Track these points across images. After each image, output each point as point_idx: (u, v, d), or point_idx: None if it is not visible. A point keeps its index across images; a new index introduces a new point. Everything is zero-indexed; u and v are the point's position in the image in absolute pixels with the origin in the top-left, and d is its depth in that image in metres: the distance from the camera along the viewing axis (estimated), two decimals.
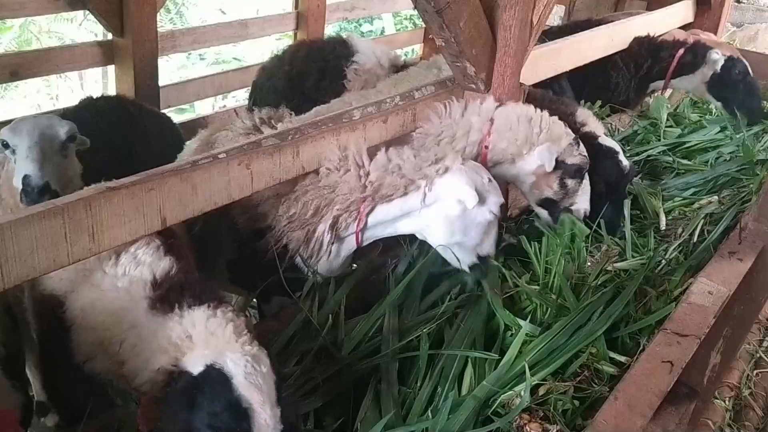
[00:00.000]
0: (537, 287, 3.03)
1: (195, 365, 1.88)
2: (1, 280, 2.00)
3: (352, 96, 3.82)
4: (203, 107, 10.19)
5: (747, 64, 5.11)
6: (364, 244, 3.00)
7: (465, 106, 3.31)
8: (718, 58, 5.08)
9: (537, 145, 3.26)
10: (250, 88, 5.25)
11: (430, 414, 2.38)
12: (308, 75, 4.78)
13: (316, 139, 2.84)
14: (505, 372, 2.49)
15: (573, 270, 3.09)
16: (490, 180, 2.87)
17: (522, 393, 2.42)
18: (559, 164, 3.30)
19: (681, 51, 5.17)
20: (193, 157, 2.56)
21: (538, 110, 3.36)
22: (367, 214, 2.89)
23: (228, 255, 3.14)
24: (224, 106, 10.64)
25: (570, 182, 3.35)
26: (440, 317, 2.85)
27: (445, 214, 2.81)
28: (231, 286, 3.44)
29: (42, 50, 6.23)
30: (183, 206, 2.43)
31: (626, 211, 3.45)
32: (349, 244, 3.00)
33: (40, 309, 2.54)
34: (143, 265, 2.28)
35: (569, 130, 3.36)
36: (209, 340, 1.93)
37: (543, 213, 3.48)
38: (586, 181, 3.40)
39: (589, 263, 3.17)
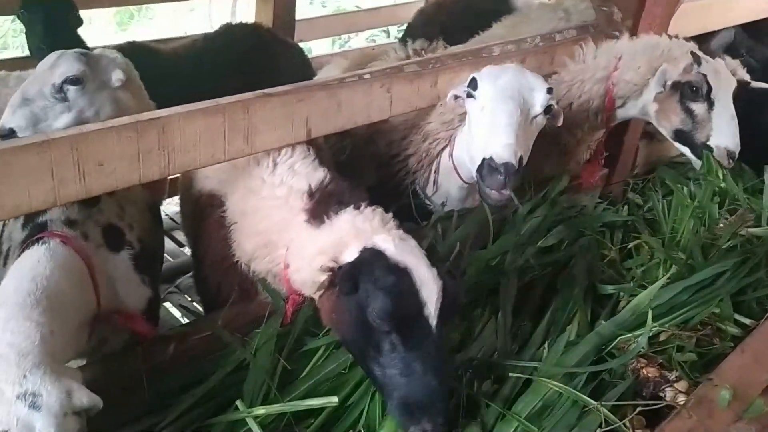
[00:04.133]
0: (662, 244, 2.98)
1: (351, 256, 2.01)
2: (167, 167, 2.18)
3: (485, 35, 3.80)
4: (318, 51, 10.39)
5: None
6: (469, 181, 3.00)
7: (597, 47, 3.21)
8: None
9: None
10: (373, 31, 5.27)
11: (547, 346, 2.41)
12: (460, 30, 4.73)
13: (455, 71, 2.87)
14: (626, 317, 2.48)
15: (702, 230, 3.00)
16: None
17: (639, 338, 2.40)
18: (676, 85, 3.04)
19: None
20: (340, 75, 2.65)
21: (666, 36, 3.17)
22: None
23: (368, 181, 3.25)
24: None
25: (694, 106, 3.04)
26: (558, 262, 2.87)
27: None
28: None
29: None
30: (327, 120, 2.54)
31: (766, 178, 3.28)
32: (455, 181, 3.04)
33: (198, 207, 2.73)
34: (300, 175, 2.38)
35: (694, 49, 3.10)
36: (358, 234, 2.05)
37: (684, 149, 3.21)
38: (727, 112, 3.05)
39: (721, 225, 3.07)
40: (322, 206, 2.22)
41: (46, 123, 2.47)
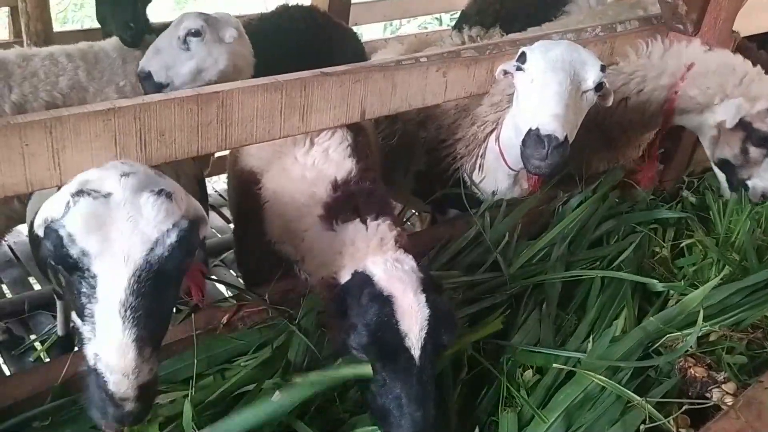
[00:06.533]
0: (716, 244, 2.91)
1: (344, 276, 1.97)
2: (225, 141, 2.23)
3: (551, 25, 3.75)
4: (369, 36, 10.38)
5: None
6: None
7: (668, 47, 3.14)
8: None
9: (730, 99, 2.98)
10: (425, 18, 5.19)
11: (591, 340, 2.38)
12: (515, 19, 4.68)
13: (512, 57, 2.83)
14: (675, 315, 2.44)
15: (758, 232, 2.93)
16: None
17: (688, 337, 2.36)
18: (745, 126, 2.96)
19: None
20: (397, 57, 2.66)
21: (748, 62, 3.09)
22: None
23: (418, 166, 3.26)
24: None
25: (752, 150, 3.00)
26: (606, 257, 2.82)
27: None
28: (413, 197, 3.56)
29: None
30: (381, 102, 2.56)
31: None
32: (501, 167, 3.00)
33: (239, 184, 2.78)
34: (331, 162, 2.38)
35: None
36: (354, 254, 2.01)
37: (720, 176, 3.18)
38: None
39: None
40: (338, 207, 2.18)
41: (174, 69, 3.12)
